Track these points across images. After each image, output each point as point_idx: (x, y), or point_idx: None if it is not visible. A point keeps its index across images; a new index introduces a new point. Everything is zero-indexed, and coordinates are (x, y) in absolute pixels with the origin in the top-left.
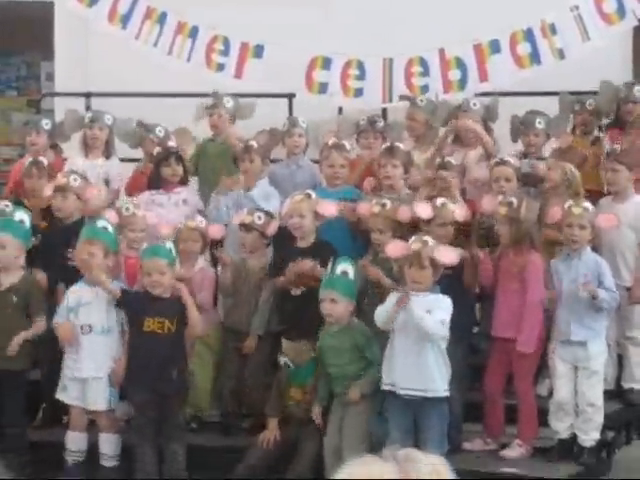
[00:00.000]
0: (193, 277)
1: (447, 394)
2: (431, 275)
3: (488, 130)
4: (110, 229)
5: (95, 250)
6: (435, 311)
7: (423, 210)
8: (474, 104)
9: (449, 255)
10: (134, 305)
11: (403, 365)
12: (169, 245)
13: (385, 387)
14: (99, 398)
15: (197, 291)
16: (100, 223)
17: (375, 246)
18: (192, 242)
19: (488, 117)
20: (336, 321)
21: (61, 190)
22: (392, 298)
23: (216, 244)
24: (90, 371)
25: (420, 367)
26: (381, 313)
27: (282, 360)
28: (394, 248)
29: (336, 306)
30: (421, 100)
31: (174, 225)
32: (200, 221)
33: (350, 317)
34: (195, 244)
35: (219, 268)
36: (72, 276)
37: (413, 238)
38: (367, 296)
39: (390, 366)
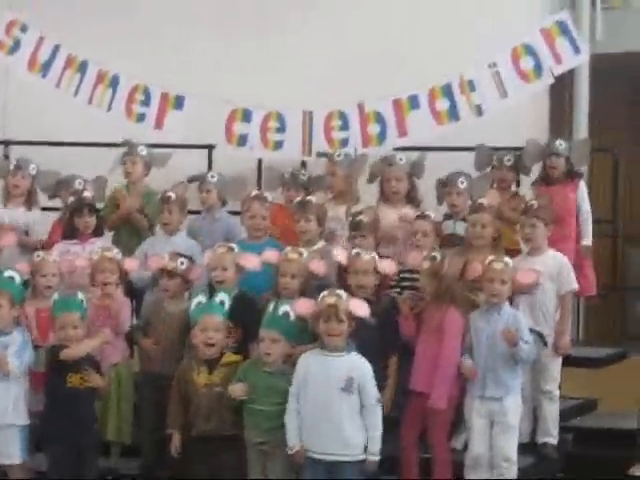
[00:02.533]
0: (112, 305)
1: (364, 457)
2: (347, 329)
3: (413, 186)
4: (17, 280)
5: (1, 301)
6: (365, 385)
7: (340, 254)
8: (400, 159)
9: (362, 307)
10: (53, 358)
11: (317, 427)
12: (80, 296)
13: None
14: (11, 450)
15: (116, 316)
16: (7, 273)
17: (282, 291)
18: (109, 273)
19: (414, 172)
20: (273, 361)
21: None
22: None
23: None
24: None
25: (338, 430)
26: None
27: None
28: (302, 306)
29: (276, 346)
30: (338, 155)
31: (89, 257)
32: (117, 252)
33: (284, 360)
34: (112, 275)
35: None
36: None
37: (325, 292)
38: None
39: (303, 428)
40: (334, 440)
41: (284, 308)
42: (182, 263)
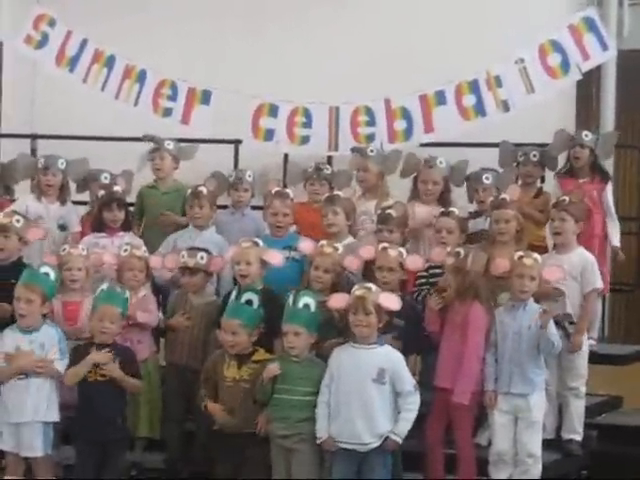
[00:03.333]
0: (138, 302)
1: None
2: (376, 322)
3: (447, 189)
4: (52, 275)
5: (33, 296)
6: (398, 374)
7: (366, 252)
8: (440, 162)
9: (392, 301)
10: (77, 358)
11: (350, 418)
12: (127, 294)
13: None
14: (34, 444)
15: (143, 311)
16: (43, 269)
17: (313, 284)
18: (138, 271)
19: (452, 178)
20: (299, 354)
21: (3, 230)
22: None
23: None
24: (26, 417)
25: (371, 420)
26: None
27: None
28: (336, 300)
29: (299, 339)
30: (371, 151)
31: (116, 253)
32: (145, 251)
33: (310, 350)
34: (140, 274)
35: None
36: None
37: (356, 286)
38: None
39: (336, 419)
40: (366, 430)
41: (304, 300)
42: (202, 258)
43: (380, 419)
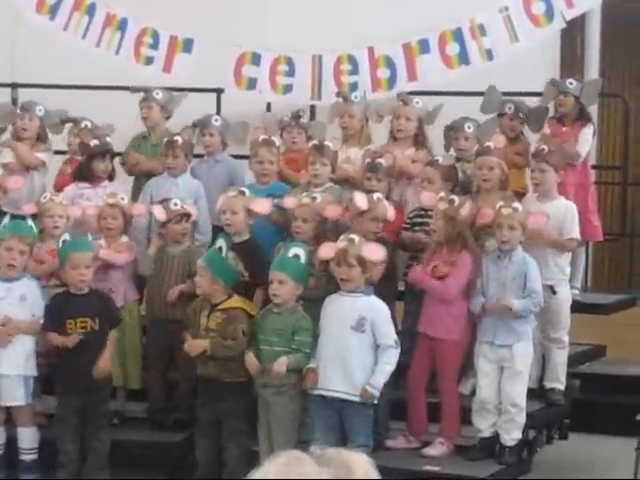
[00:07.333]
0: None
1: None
2: (360, 273)
3: (421, 130)
4: (32, 225)
5: (25, 247)
6: (379, 325)
7: (361, 201)
8: (417, 102)
9: (376, 252)
10: (54, 309)
11: (328, 365)
12: (90, 238)
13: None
14: (15, 394)
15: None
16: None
17: (294, 235)
18: (112, 219)
19: (426, 119)
20: (282, 303)
21: None
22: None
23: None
24: (3, 368)
25: (346, 368)
26: None
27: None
28: (326, 250)
29: (283, 287)
30: (355, 97)
31: (97, 205)
32: (121, 198)
33: (296, 301)
34: (115, 221)
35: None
36: None
37: (341, 237)
38: None
39: (318, 366)
40: (340, 379)
41: (294, 250)
42: (182, 207)
43: (355, 369)
